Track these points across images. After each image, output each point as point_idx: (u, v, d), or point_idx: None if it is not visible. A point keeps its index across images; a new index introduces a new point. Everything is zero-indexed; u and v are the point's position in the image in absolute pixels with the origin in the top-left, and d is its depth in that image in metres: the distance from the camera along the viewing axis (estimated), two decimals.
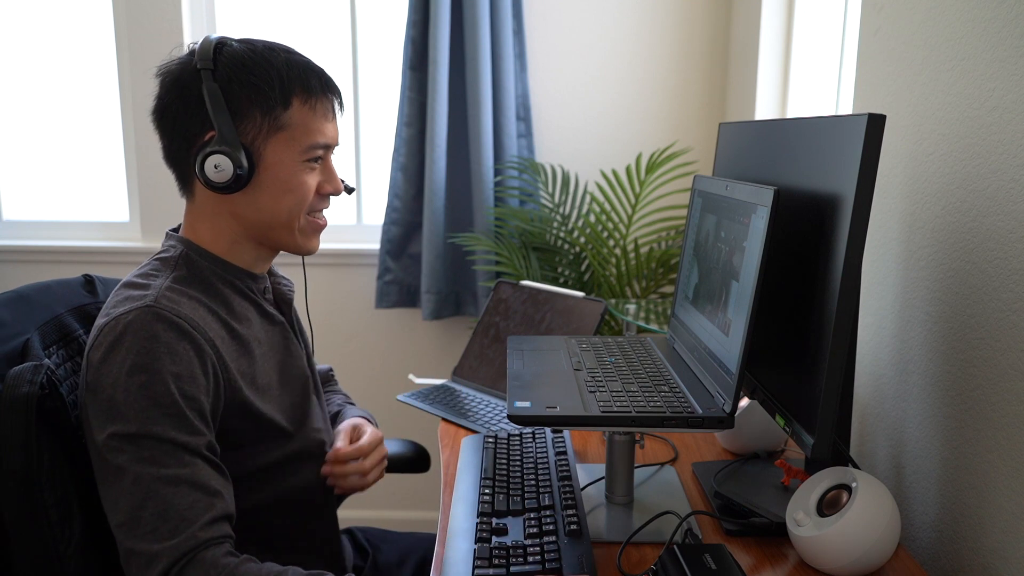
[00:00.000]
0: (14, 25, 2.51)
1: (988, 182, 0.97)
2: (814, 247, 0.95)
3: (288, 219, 1.05)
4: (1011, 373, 0.92)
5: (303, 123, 1.03)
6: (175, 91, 1.01)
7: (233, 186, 1.00)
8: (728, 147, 1.32)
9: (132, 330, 0.93)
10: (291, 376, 1.12)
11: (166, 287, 0.98)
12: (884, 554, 0.95)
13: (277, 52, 1.03)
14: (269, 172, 1.03)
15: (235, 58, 1.00)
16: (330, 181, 1.08)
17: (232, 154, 0.99)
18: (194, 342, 0.95)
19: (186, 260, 1.04)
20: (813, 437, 0.90)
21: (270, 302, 1.13)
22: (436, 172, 2.30)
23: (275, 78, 1.01)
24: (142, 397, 0.91)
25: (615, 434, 1.11)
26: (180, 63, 1.02)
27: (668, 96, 2.40)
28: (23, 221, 2.59)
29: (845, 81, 1.84)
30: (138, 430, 0.90)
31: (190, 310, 0.97)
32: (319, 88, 1.04)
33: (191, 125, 1.01)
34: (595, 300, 1.52)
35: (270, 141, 1.02)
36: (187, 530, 0.88)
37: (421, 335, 2.55)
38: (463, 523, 1.03)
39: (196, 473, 0.91)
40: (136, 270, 1.04)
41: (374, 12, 2.46)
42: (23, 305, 1.09)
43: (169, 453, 0.90)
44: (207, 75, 0.99)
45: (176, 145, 1.03)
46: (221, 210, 1.05)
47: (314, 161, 1.05)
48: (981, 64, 0.99)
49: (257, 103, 1.00)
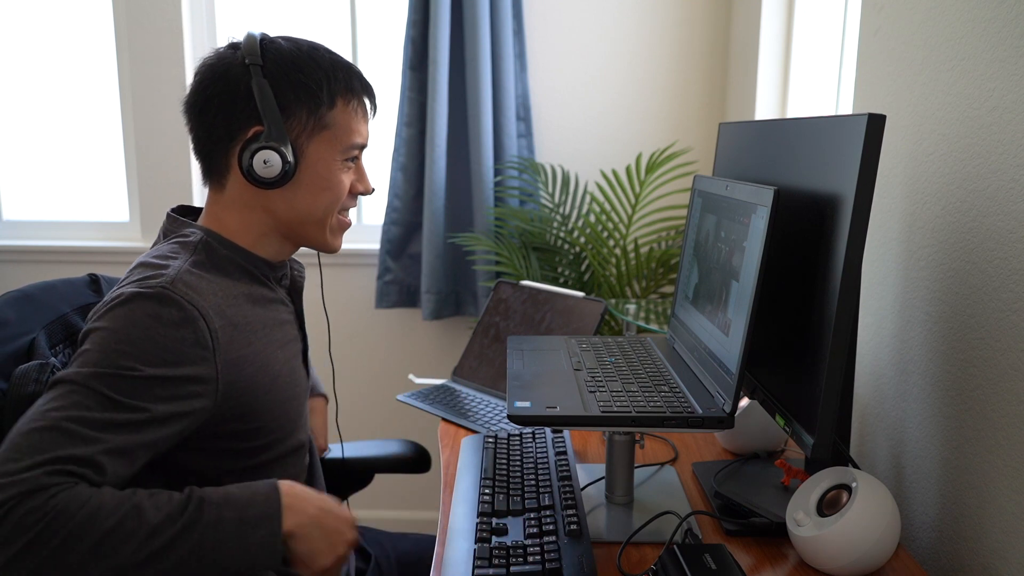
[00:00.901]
0: (14, 25, 2.51)
1: (988, 182, 0.97)
2: (814, 247, 0.95)
3: (323, 216, 1.07)
4: (1011, 373, 0.92)
5: (345, 123, 1.05)
6: (220, 84, 1.01)
7: (278, 182, 1.02)
8: (728, 147, 1.32)
9: (140, 302, 0.92)
10: (295, 370, 1.11)
11: (184, 269, 0.98)
12: (884, 554, 0.95)
13: (322, 52, 1.05)
14: (310, 170, 1.04)
15: (284, 55, 1.02)
16: (361, 181, 1.12)
17: (280, 150, 1.00)
18: (196, 329, 0.94)
19: (206, 246, 1.03)
20: (813, 437, 0.90)
21: (285, 288, 1.14)
22: (436, 172, 2.30)
23: (323, 78, 1.02)
24: (113, 365, 0.88)
25: (615, 434, 1.11)
26: (222, 57, 1.02)
27: (668, 96, 2.40)
28: (23, 221, 2.59)
29: (845, 81, 1.84)
30: (84, 380, 0.87)
31: (203, 296, 0.96)
32: (360, 89, 1.07)
33: (235, 119, 1.01)
34: (595, 300, 1.52)
35: (313, 139, 1.03)
36: (34, 470, 0.81)
37: (421, 335, 2.55)
38: (463, 523, 1.03)
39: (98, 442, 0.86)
40: (152, 251, 1.03)
41: (374, 12, 2.46)
42: (29, 304, 1.09)
43: (95, 414, 0.86)
44: (256, 70, 1.00)
45: (214, 137, 1.03)
46: (255, 204, 1.05)
47: (350, 160, 1.08)
48: (981, 64, 0.99)
49: (305, 101, 1.02)
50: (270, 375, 1.04)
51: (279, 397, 1.06)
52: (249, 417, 1.01)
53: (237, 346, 0.99)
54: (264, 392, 1.03)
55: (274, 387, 1.05)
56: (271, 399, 1.04)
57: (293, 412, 1.09)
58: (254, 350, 1.02)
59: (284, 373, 1.07)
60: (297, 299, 1.16)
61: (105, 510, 0.83)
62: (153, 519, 0.85)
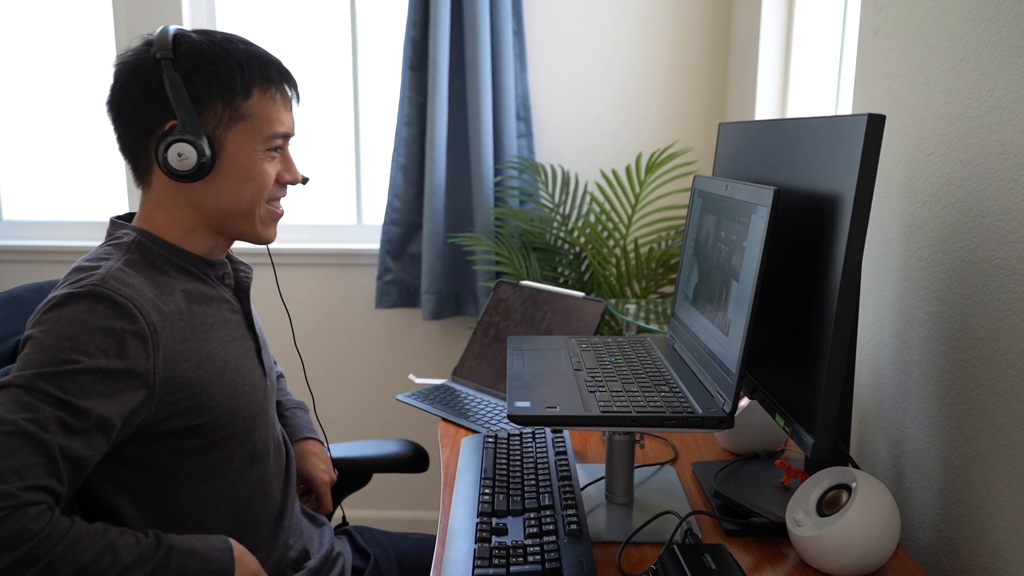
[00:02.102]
0: (14, 25, 2.51)
1: (988, 182, 0.97)
2: (814, 247, 0.95)
3: (249, 207, 1.06)
4: (1011, 373, 0.92)
5: (263, 113, 1.04)
6: (133, 81, 1.02)
7: (195, 174, 1.02)
8: (728, 147, 1.32)
9: (74, 302, 0.93)
10: (243, 366, 1.10)
11: (116, 268, 0.98)
12: (884, 554, 0.95)
13: (236, 43, 1.04)
14: (230, 161, 1.04)
15: (195, 48, 1.02)
16: (289, 170, 1.10)
17: (195, 143, 1.00)
18: (134, 323, 0.95)
19: (139, 246, 1.04)
20: (813, 437, 0.90)
21: (229, 288, 1.13)
22: (436, 172, 2.30)
23: (235, 68, 1.02)
24: (56, 362, 0.90)
25: (615, 434, 1.11)
26: (136, 53, 1.03)
27: (668, 96, 2.40)
28: (23, 221, 2.59)
29: (845, 81, 1.84)
30: (29, 381, 0.89)
31: (136, 291, 0.97)
32: (278, 78, 1.06)
33: (150, 115, 1.01)
34: (595, 300, 1.52)
35: (231, 130, 1.03)
36: (14, 484, 0.85)
37: (421, 335, 2.55)
38: (463, 523, 1.03)
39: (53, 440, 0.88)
40: (86, 255, 1.04)
41: (374, 12, 2.46)
42: (15, 306, 1.10)
43: (44, 412, 0.88)
44: (167, 65, 1.00)
45: (134, 135, 1.04)
46: (179, 199, 1.05)
47: (274, 150, 1.07)
48: (981, 64, 0.99)
49: (218, 93, 1.02)
50: (211, 371, 1.03)
51: (225, 392, 1.05)
52: (192, 413, 1.01)
53: (174, 340, 0.99)
54: (206, 387, 1.02)
55: (218, 382, 1.04)
56: (215, 394, 1.03)
57: (245, 409, 1.08)
58: (192, 346, 1.02)
59: (229, 369, 1.06)
60: (244, 299, 1.15)
61: (82, 543, 0.88)
62: (126, 559, 0.90)
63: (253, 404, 1.10)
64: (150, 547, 0.93)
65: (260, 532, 1.12)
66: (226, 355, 1.07)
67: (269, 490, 1.13)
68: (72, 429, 0.90)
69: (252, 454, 1.10)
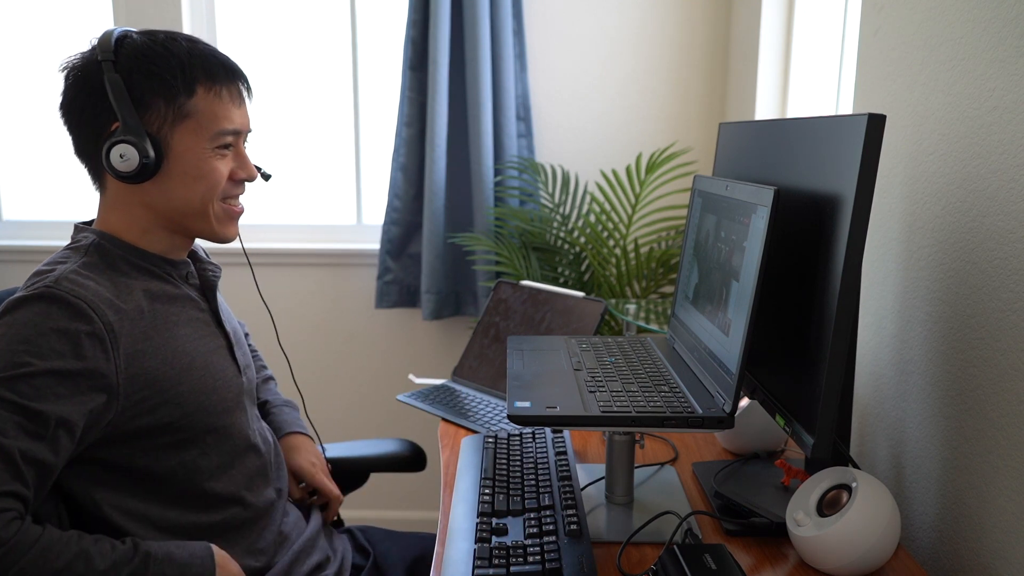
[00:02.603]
0: (14, 25, 2.51)
1: (988, 182, 0.97)
2: (814, 247, 0.95)
3: (201, 206, 1.06)
4: (1011, 373, 0.92)
5: (209, 110, 1.04)
6: (78, 85, 1.02)
7: (140, 175, 1.01)
8: (728, 147, 1.32)
9: (26, 306, 0.94)
10: (213, 362, 1.10)
11: (71, 271, 0.98)
12: (884, 554, 0.95)
13: (179, 42, 1.04)
14: (178, 160, 1.04)
15: (136, 49, 1.02)
16: (243, 167, 1.09)
17: (137, 143, 1.00)
18: (89, 323, 0.95)
19: (97, 248, 1.04)
20: (813, 437, 0.90)
21: (195, 287, 1.13)
22: (436, 172, 2.30)
23: (176, 67, 1.02)
24: (11, 366, 0.90)
25: (615, 434, 1.11)
26: (82, 57, 1.03)
27: (668, 96, 2.40)
28: (23, 221, 2.59)
29: (845, 81, 1.84)
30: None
31: (91, 291, 0.97)
32: (223, 74, 1.06)
33: (97, 117, 1.02)
34: (595, 300, 1.52)
35: (176, 129, 1.03)
36: None
37: (421, 335, 2.55)
38: (463, 523, 1.03)
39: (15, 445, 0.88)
40: (46, 260, 1.04)
41: (374, 12, 2.46)
42: None
43: (5, 419, 0.89)
44: (108, 66, 1.00)
45: (84, 138, 1.04)
46: (132, 200, 1.06)
47: (224, 148, 1.06)
48: (981, 64, 0.99)
49: (160, 92, 1.01)
50: (178, 367, 1.03)
51: (194, 388, 1.05)
52: (161, 410, 1.01)
53: (135, 339, 0.99)
54: (174, 383, 1.02)
55: (186, 378, 1.04)
56: (184, 390, 1.04)
57: (217, 405, 1.08)
58: (155, 343, 1.01)
59: (198, 365, 1.06)
60: (211, 297, 1.15)
61: (54, 550, 0.88)
62: (100, 566, 0.90)
63: (226, 400, 1.10)
64: (126, 554, 0.93)
65: (248, 530, 1.12)
66: (193, 351, 1.07)
67: (254, 487, 1.13)
68: (33, 433, 0.90)
69: (231, 450, 1.10)
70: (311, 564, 1.19)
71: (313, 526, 1.25)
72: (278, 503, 1.18)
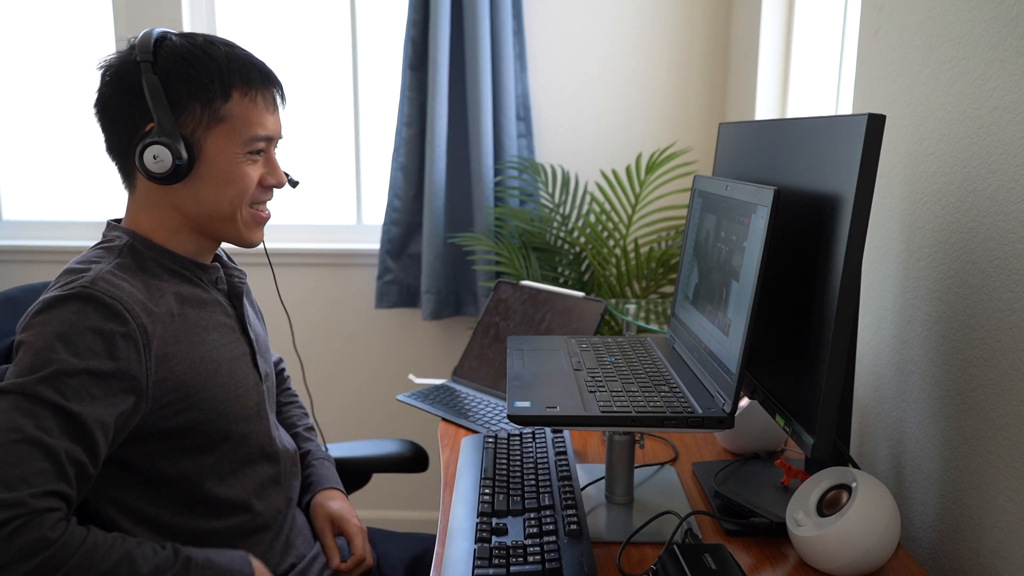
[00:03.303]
0: (14, 25, 2.51)
1: (988, 182, 0.97)
2: (814, 247, 0.95)
3: (230, 211, 1.06)
4: (1011, 373, 0.92)
5: (243, 115, 1.04)
6: (115, 83, 1.02)
7: (172, 177, 1.02)
8: (728, 147, 1.32)
9: (63, 305, 0.94)
10: (237, 370, 1.10)
11: (106, 271, 0.99)
12: (884, 554, 0.95)
13: (217, 46, 1.04)
14: (210, 164, 1.04)
15: (175, 51, 1.02)
16: (273, 173, 1.10)
17: (171, 145, 1.00)
18: (124, 324, 0.95)
19: (130, 249, 1.04)
20: (813, 437, 0.90)
21: (223, 292, 1.13)
22: (436, 172, 2.30)
23: (214, 71, 1.02)
24: (50, 363, 0.90)
25: (615, 434, 1.11)
26: (120, 56, 1.03)
27: (668, 96, 2.40)
28: (23, 221, 2.59)
29: (845, 81, 1.84)
30: (28, 389, 0.89)
31: (126, 293, 0.97)
32: (259, 80, 1.06)
33: (131, 117, 1.02)
34: (595, 300, 1.52)
35: (210, 133, 1.03)
36: (25, 492, 0.85)
37: (421, 335, 2.55)
38: (463, 523, 1.03)
39: (59, 445, 0.89)
40: (78, 257, 1.04)
41: (374, 12, 2.46)
42: (10, 307, 1.10)
43: (47, 418, 0.89)
44: (147, 67, 1.00)
45: (117, 137, 1.04)
46: (162, 201, 1.06)
47: (256, 153, 1.07)
48: (981, 64, 0.99)
49: (196, 95, 1.02)
50: (204, 373, 1.04)
51: (218, 395, 1.05)
52: (185, 414, 1.02)
53: (165, 342, 0.99)
54: (199, 390, 1.03)
55: (211, 385, 1.04)
56: (208, 397, 1.04)
57: (238, 412, 1.08)
58: (184, 348, 1.02)
59: (223, 372, 1.07)
60: (238, 303, 1.15)
61: (100, 552, 0.88)
62: (143, 569, 0.91)
63: (247, 407, 1.10)
64: (168, 558, 0.94)
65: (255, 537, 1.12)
66: (219, 358, 1.07)
67: (265, 494, 1.13)
68: (74, 433, 0.90)
69: (246, 457, 1.10)
70: (315, 569, 1.19)
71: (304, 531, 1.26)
72: (287, 512, 1.18)
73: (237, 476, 1.09)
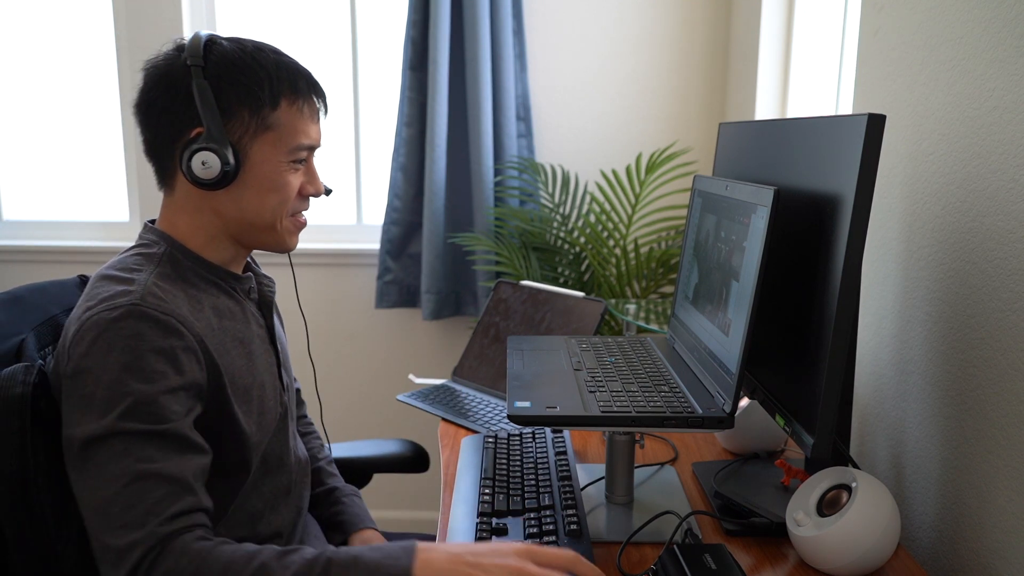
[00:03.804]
0: (14, 25, 2.51)
1: (988, 182, 0.97)
2: (814, 247, 0.95)
3: (271, 219, 1.06)
4: (1011, 373, 0.92)
5: (290, 124, 1.04)
6: (163, 86, 1.01)
7: (219, 183, 1.01)
8: (728, 147, 1.32)
9: (117, 328, 0.92)
10: (267, 382, 1.10)
11: (151, 283, 0.98)
12: (884, 554, 0.95)
13: (266, 53, 1.04)
14: (254, 171, 1.03)
15: (225, 57, 1.01)
16: (312, 182, 1.10)
17: (220, 151, 0.99)
18: (182, 338, 0.94)
19: (170, 258, 1.04)
20: (813, 437, 0.90)
21: (254, 302, 1.13)
22: (436, 172, 2.30)
23: (264, 79, 1.02)
24: (123, 396, 0.89)
25: (615, 434, 1.11)
26: (168, 58, 1.02)
27: (668, 96, 2.40)
28: (23, 221, 2.59)
29: (845, 81, 1.84)
30: (114, 429, 0.89)
31: (177, 306, 0.97)
32: (306, 90, 1.06)
33: (177, 120, 1.01)
34: (595, 300, 1.52)
35: (257, 140, 1.03)
36: (153, 523, 0.86)
37: (421, 335, 2.55)
38: (463, 523, 1.03)
39: (168, 466, 0.89)
40: (115, 261, 1.03)
41: (374, 12, 2.46)
42: (17, 306, 1.09)
43: (143, 448, 0.89)
44: (197, 72, 0.99)
45: (160, 139, 1.03)
46: (203, 206, 1.05)
47: (298, 162, 1.06)
48: (981, 64, 0.99)
49: (246, 102, 1.01)
50: (240, 387, 1.03)
51: (252, 409, 1.05)
52: (215, 426, 1.01)
53: (211, 356, 0.99)
54: (234, 404, 1.02)
55: (246, 399, 1.04)
56: (244, 410, 1.03)
57: (268, 425, 1.08)
58: (225, 361, 1.01)
59: (256, 385, 1.07)
60: (268, 314, 1.15)
61: (236, 567, 0.85)
62: None
63: (271, 421, 1.10)
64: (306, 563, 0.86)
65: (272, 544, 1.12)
66: (253, 371, 1.07)
67: (277, 504, 1.13)
68: (173, 447, 0.90)
69: (264, 467, 1.10)
70: None
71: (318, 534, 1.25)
72: (298, 521, 1.18)
73: (254, 487, 1.08)
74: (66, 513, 0.98)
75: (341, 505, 1.30)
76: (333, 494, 1.31)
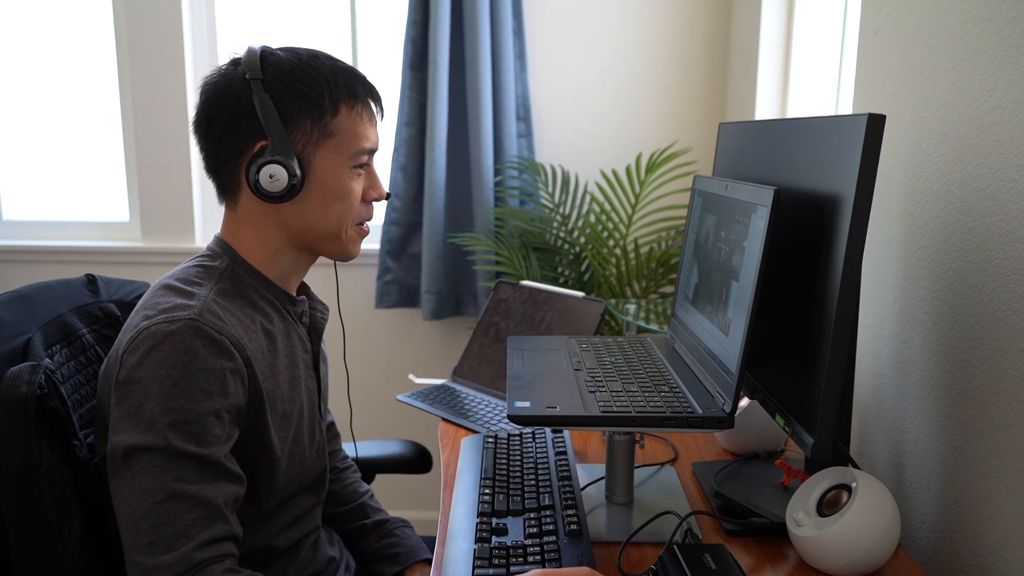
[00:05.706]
0: (14, 24, 2.51)
1: (988, 182, 0.97)
2: (814, 247, 0.95)
3: (337, 227, 1.05)
4: (1011, 373, 0.92)
5: (350, 129, 1.03)
6: (223, 101, 1.00)
7: (286, 195, 1.00)
8: (728, 147, 1.32)
9: (173, 342, 0.91)
10: (308, 411, 1.10)
11: (211, 299, 0.97)
12: (884, 554, 0.95)
13: (321, 60, 1.03)
14: (317, 180, 1.03)
15: (283, 67, 1.00)
16: (374, 187, 1.09)
17: (286, 163, 0.99)
18: (232, 359, 0.94)
19: (231, 274, 1.03)
20: (813, 437, 0.90)
21: (304, 326, 1.13)
22: (436, 172, 2.30)
23: (323, 86, 1.01)
24: (169, 411, 0.90)
25: (615, 434, 1.11)
26: (225, 74, 1.02)
27: (668, 96, 2.40)
28: (23, 221, 2.59)
29: (845, 81, 1.84)
30: (158, 443, 0.89)
31: (232, 327, 0.96)
32: (364, 94, 1.05)
33: (241, 135, 1.00)
34: (595, 300, 1.52)
35: (319, 149, 1.02)
36: (183, 547, 0.86)
37: (421, 335, 2.55)
38: (463, 523, 1.03)
39: (204, 490, 0.90)
40: (177, 271, 1.03)
41: (374, 12, 2.46)
42: (24, 305, 1.09)
43: (183, 468, 0.89)
44: (257, 85, 0.99)
45: (223, 155, 1.02)
46: (268, 219, 1.04)
47: (360, 167, 1.06)
48: (981, 64, 0.99)
49: (307, 112, 1.00)
50: (281, 413, 1.03)
51: (283, 438, 1.04)
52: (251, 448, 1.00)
53: (256, 380, 0.99)
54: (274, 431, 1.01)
55: (287, 425, 1.04)
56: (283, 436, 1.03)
57: (299, 455, 1.08)
58: (269, 386, 1.01)
59: (296, 411, 1.06)
60: (315, 340, 1.14)
61: None
62: None
63: (306, 450, 1.10)
64: None
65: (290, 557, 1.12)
66: (296, 398, 1.06)
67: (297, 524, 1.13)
68: (210, 472, 0.91)
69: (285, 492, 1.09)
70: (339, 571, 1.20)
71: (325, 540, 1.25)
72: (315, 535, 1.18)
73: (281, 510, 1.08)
74: (68, 513, 0.98)
75: (395, 538, 1.29)
76: (383, 526, 1.31)
